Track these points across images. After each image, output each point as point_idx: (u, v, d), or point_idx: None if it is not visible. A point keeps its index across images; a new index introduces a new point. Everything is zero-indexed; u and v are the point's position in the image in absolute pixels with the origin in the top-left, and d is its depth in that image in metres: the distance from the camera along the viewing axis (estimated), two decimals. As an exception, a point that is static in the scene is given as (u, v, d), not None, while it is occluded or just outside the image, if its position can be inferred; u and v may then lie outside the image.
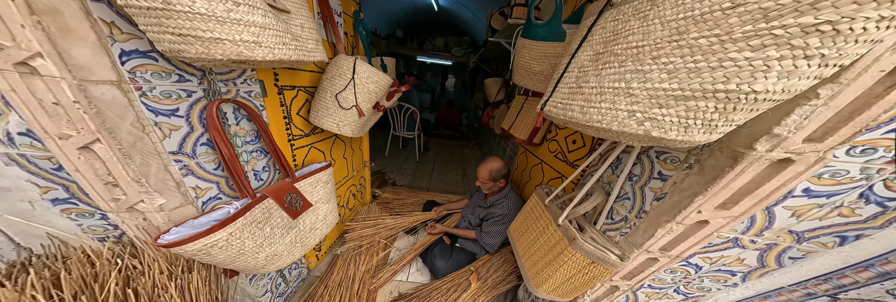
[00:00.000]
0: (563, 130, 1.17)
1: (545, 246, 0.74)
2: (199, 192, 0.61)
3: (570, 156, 1.10)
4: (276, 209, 0.74)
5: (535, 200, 0.90)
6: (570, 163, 1.07)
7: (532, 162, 1.49)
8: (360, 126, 1.04)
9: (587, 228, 0.72)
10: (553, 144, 1.24)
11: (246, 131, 0.73)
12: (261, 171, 0.82)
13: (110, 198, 0.49)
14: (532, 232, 0.84)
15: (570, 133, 1.11)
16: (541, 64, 0.82)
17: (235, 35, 0.42)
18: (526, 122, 1.33)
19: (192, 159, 0.58)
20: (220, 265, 0.61)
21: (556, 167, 1.20)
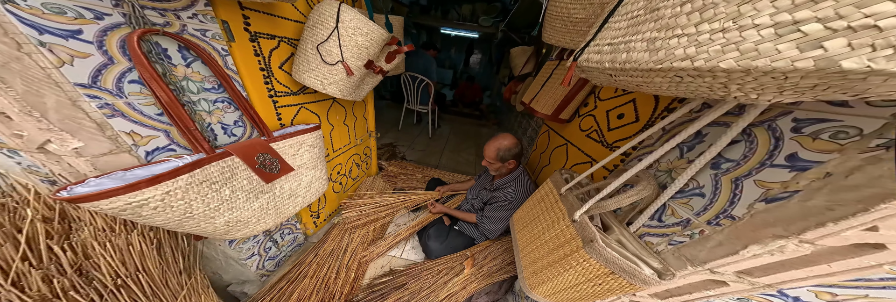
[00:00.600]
0: (606, 102, 0.94)
1: (551, 243, 0.59)
2: (137, 138, 0.50)
3: (609, 135, 0.89)
4: (242, 169, 0.63)
5: (549, 187, 0.74)
6: (609, 144, 0.88)
7: (556, 143, 1.27)
8: (351, 87, 0.88)
9: (615, 228, 0.55)
10: (588, 121, 1.02)
11: (203, 77, 0.60)
12: (232, 125, 0.70)
13: (10, 133, 0.39)
14: (538, 224, 0.69)
15: (618, 105, 0.87)
16: (585, 8, 0.69)
17: None
18: (553, 93, 1.10)
19: (118, 98, 0.46)
20: (164, 227, 0.51)
21: (586, 149, 1.00)
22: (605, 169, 0.83)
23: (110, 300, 0.49)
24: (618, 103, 0.88)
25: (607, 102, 0.94)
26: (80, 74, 0.41)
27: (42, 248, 0.43)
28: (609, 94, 0.93)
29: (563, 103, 1.05)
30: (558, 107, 1.06)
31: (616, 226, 0.56)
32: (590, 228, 0.49)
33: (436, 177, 1.72)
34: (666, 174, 0.53)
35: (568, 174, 0.78)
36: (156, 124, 0.53)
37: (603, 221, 0.59)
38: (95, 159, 0.45)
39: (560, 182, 0.72)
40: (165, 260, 0.62)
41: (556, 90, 1.07)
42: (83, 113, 0.42)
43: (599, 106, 0.97)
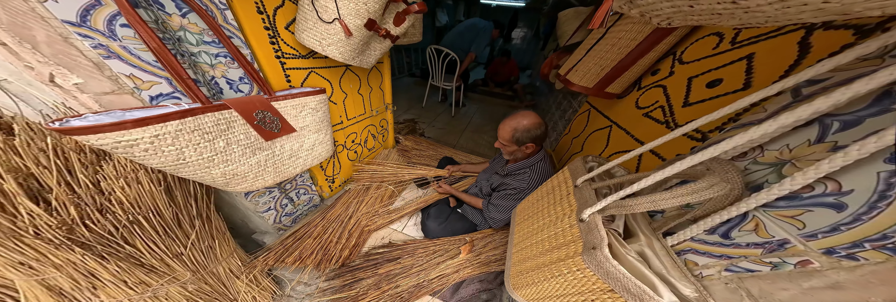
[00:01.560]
0: (692, 65, 0.68)
1: (547, 243, 0.50)
2: (138, 82, 0.52)
3: (683, 113, 0.66)
4: (240, 124, 0.65)
5: (564, 177, 0.62)
6: (679, 126, 0.66)
7: (596, 125, 1.04)
8: (353, 50, 0.82)
9: (642, 236, 0.43)
10: (652, 95, 0.78)
11: (202, 29, 0.59)
12: (238, 81, 0.71)
13: (22, 65, 0.42)
14: (540, 219, 0.60)
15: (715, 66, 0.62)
16: None
17: None
18: (601, 56, 0.83)
19: (112, 40, 0.47)
20: (164, 170, 0.55)
21: (638, 133, 0.79)
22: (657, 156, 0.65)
23: (126, 233, 0.56)
24: (715, 64, 0.62)
25: (694, 65, 0.67)
26: (66, 11, 0.41)
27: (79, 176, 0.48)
28: (704, 52, 0.65)
29: (615, 71, 0.79)
30: (606, 76, 0.81)
31: (644, 234, 0.43)
32: (598, 232, 0.39)
33: (448, 156, 1.68)
34: (771, 169, 0.34)
35: (595, 162, 0.64)
36: (156, 71, 0.54)
37: (628, 225, 0.47)
38: (99, 97, 0.48)
39: (580, 171, 0.59)
40: (177, 203, 0.68)
41: (607, 54, 0.80)
42: (77, 50, 0.43)
43: (678, 72, 0.71)
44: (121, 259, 0.53)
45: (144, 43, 0.49)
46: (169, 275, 0.62)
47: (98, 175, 0.50)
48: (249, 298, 0.84)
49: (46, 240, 0.42)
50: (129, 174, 0.53)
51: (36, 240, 0.42)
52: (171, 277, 0.63)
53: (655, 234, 0.44)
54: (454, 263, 1.01)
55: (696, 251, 0.39)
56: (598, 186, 0.52)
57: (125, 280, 0.54)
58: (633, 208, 0.38)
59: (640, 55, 0.74)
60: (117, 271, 0.52)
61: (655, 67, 0.80)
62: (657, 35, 0.70)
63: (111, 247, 0.51)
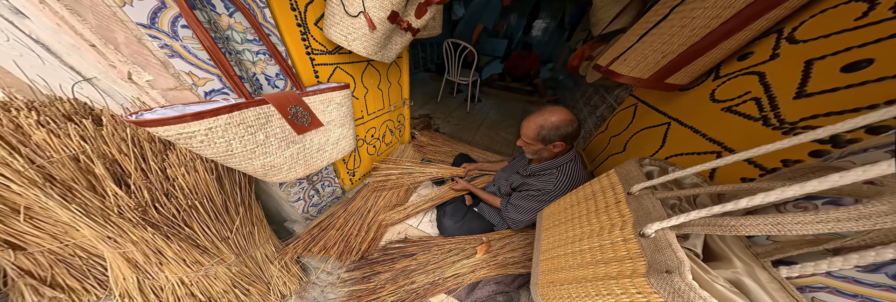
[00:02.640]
0: (820, 42, 0.54)
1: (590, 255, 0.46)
2: (196, 79, 0.58)
3: (793, 107, 0.53)
4: (277, 118, 0.69)
5: (612, 181, 0.55)
6: (786, 123, 0.53)
7: (647, 121, 0.92)
8: (376, 44, 0.85)
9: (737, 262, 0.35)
10: (740, 84, 0.65)
11: (245, 27, 0.64)
12: (274, 77, 0.76)
13: (106, 63, 0.48)
14: (578, 226, 0.55)
15: (861, 43, 0.47)
16: None
17: None
18: (662, 42, 0.69)
19: (176, 41, 0.52)
20: (215, 160, 0.61)
21: (713, 132, 0.66)
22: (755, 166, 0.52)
23: (185, 217, 0.62)
24: (858, 40, 0.47)
25: (818, 44, 0.53)
26: (139, 14, 0.46)
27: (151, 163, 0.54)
28: (837, 25, 0.51)
29: (684, 58, 0.66)
30: (669, 65, 0.68)
31: (740, 259, 0.36)
32: (673, 253, 0.31)
33: (464, 153, 1.70)
34: None
35: (655, 166, 0.56)
36: (209, 68, 0.59)
37: (710, 245, 0.40)
38: (165, 92, 0.54)
39: (634, 175, 0.52)
40: (225, 191, 0.74)
41: (671, 38, 0.66)
42: (148, 50, 0.48)
43: (786, 54, 0.57)
44: (181, 240, 0.59)
45: (200, 42, 0.53)
46: (218, 256, 0.69)
47: (165, 162, 0.56)
48: (281, 282, 0.91)
49: (127, 218, 0.49)
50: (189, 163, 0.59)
51: (119, 218, 0.48)
52: (220, 258, 0.69)
53: (760, 261, 0.36)
54: (470, 262, 1.02)
55: (837, 291, 0.30)
56: (665, 197, 0.45)
57: (184, 259, 0.60)
58: (739, 230, 0.28)
59: (726, 36, 0.60)
60: (178, 250, 0.59)
61: (746, 51, 0.66)
62: (756, 8, 0.55)
63: (174, 228, 0.57)
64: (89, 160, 0.48)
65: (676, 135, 0.80)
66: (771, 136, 0.55)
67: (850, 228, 0.24)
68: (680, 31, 0.67)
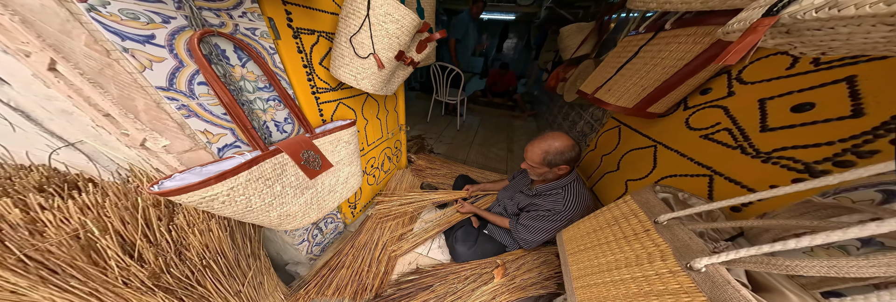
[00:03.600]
0: (763, 86, 0.62)
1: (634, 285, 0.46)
2: (210, 136, 0.55)
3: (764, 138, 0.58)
4: (290, 166, 0.67)
5: (631, 208, 0.57)
6: (761, 153, 0.58)
7: (634, 143, 1.00)
8: (382, 81, 0.87)
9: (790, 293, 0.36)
10: (708, 116, 0.73)
11: (256, 76, 0.63)
12: (283, 122, 0.74)
13: (118, 132, 0.44)
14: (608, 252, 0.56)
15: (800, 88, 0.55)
16: None
17: None
18: (639, 76, 0.81)
19: (192, 100, 0.50)
20: (232, 218, 0.57)
21: (698, 155, 0.72)
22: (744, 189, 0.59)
23: (199, 277, 0.57)
24: (796, 86, 0.55)
25: (764, 86, 0.61)
26: (159, 78, 0.44)
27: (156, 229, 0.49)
28: (774, 72, 0.60)
29: (660, 92, 0.76)
30: (648, 97, 0.78)
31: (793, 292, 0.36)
32: (735, 291, 0.32)
33: (464, 174, 1.71)
34: None
35: (668, 193, 0.59)
36: (223, 123, 0.57)
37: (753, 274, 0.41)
38: (180, 155, 0.51)
39: (653, 203, 0.54)
40: (237, 245, 0.69)
41: (648, 73, 0.78)
42: (166, 114, 0.46)
43: (741, 92, 0.65)
44: (195, 300, 0.53)
45: (217, 98, 0.52)
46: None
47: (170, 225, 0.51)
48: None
49: (134, 287, 0.43)
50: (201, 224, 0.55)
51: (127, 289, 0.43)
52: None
53: (809, 292, 0.36)
54: (489, 288, 1.00)
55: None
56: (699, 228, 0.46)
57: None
58: (797, 270, 0.29)
59: (690, 75, 0.71)
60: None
61: (706, 87, 0.77)
62: (711, 53, 0.66)
63: (187, 289, 0.52)
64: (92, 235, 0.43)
65: (665, 157, 0.85)
66: (751, 163, 0.60)
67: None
68: (653, 68, 0.78)
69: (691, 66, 0.70)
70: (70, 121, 0.45)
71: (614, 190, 1.07)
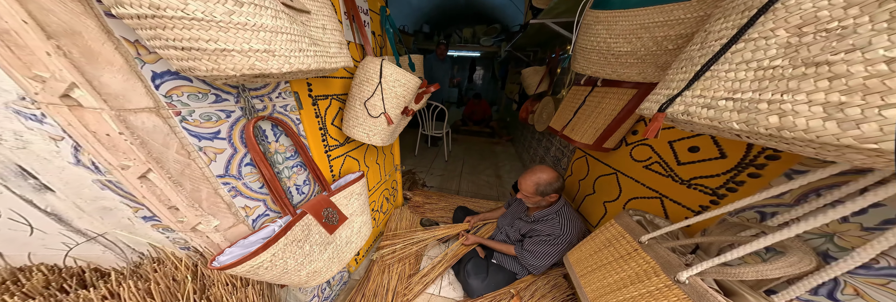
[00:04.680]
0: (668, 132, 0.80)
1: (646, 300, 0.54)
2: (248, 211, 0.60)
3: (682, 170, 0.75)
4: (314, 226, 0.72)
5: (618, 231, 0.69)
6: (685, 181, 0.74)
7: (599, 171, 1.17)
8: (390, 134, 0.98)
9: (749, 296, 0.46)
10: (643, 151, 0.91)
11: (285, 147, 0.71)
12: (302, 184, 0.80)
13: (175, 220, 0.49)
14: (613, 272, 0.65)
15: (686, 136, 0.74)
16: (632, 41, 0.62)
17: (244, 44, 0.36)
18: (592, 120, 1.01)
19: (238, 180, 0.56)
20: (269, 281, 0.59)
21: (649, 183, 0.88)
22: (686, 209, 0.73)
23: None
24: (685, 134, 0.74)
25: (670, 132, 0.79)
26: (219, 167, 0.51)
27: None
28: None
29: (607, 133, 0.96)
30: (601, 136, 0.97)
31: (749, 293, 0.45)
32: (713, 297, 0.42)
33: (461, 205, 1.77)
34: (824, 239, 0.42)
35: (639, 216, 0.72)
36: (258, 196, 0.63)
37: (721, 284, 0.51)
38: (226, 232, 0.55)
39: (632, 225, 0.66)
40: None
41: (596, 118, 0.98)
42: (220, 198, 0.52)
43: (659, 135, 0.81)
44: None
45: (260, 174, 0.58)
46: None
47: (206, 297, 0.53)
48: None
49: None
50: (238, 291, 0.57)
51: None
52: None
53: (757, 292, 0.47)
54: None
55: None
56: (671, 246, 0.58)
57: None
58: (740, 276, 0.42)
59: (622, 121, 0.92)
60: None
61: (634, 129, 0.98)
62: (631, 106, 0.86)
63: None
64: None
65: (625, 182, 1.00)
66: (681, 188, 0.76)
67: (789, 273, 0.40)
68: (599, 114, 0.98)
69: (621, 114, 0.90)
70: (105, 216, 0.49)
71: (596, 211, 1.19)
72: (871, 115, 0.21)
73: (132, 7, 0.30)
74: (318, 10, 0.61)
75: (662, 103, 0.40)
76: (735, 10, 0.34)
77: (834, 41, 0.23)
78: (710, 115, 0.33)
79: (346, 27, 0.89)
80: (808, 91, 0.24)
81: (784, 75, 0.26)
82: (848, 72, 0.22)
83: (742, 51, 0.31)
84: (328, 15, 0.64)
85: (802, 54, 0.25)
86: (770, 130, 0.26)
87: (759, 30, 0.30)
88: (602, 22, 0.67)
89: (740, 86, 0.31)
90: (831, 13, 0.24)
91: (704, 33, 0.39)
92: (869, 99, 0.21)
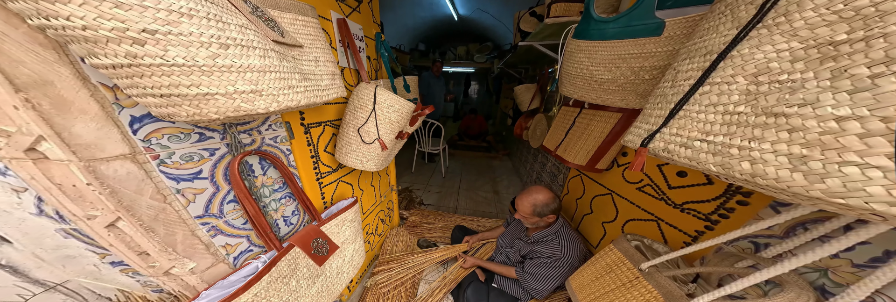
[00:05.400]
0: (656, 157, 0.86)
1: None
2: (229, 249, 0.58)
3: (673, 194, 0.74)
4: (302, 258, 0.69)
5: (617, 256, 0.68)
6: (678, 205, 0.73)
7: (595, 191, 1.16)
8: (384, 159, 0.98)
9: None
10: (634, 173, 0.92)
11: (274, 180, 0.70)
12: (290, 215, 0.78)
13: (145, 266, 0.47)
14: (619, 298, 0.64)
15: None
16: (611, 70, 0.64)
17: (228, 86, 0.35)
18: (582, 141, 1.01)
19: (219, 219, 0.55)
20: None
21: (644, 205, 0.86)
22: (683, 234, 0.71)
23: None
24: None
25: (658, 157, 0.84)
26: (198, 208, 0.50)
27: None
28: None
29: (598, 154, 0.97)
30: (593, 158, 0.99)
31: None
32: None
33: (459, 224, 1.73)
34: (819, 273, 0.42)
35: (637, 241, 0.71)
36: (241, 232, 0.61)
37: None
38: (202, 273, 0.53)
39: (631, 251, 0.66)
40: None
41: (587, 139, 1.00)
42: (198, 239, 0.50)
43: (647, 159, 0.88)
44: None
45: (245, 211, 0.57)
46: None
47: None
48: None
49: None
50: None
51: None
52: None
53: None
54: None
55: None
56: (672, 274, 0.57)
57: None
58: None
59: (611, 143, 0.94)
60: None
61: (624, 150, 0.98)
62: (618, 128, 0.87)
63: None
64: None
65: (621, 203, 0.99)
66: (674, 212, 0.74)
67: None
68: (589, 136, 0.99)
69: (609, 137, 0.92)
70: (67, 264, 0.47)
71: (596, 231, 1.17)
72: (833, 171, 0.20)
73: (107, 57, 0.29)
74: (312, 43, 0.63)
75: (644, 138, 0.41)
76: (697, 52, 0.35)
77: (787, 93, 0.23)
78: (689, 154, 0.33)
79: (340, 54, 0.91)
80: (772, 141, 0.24)
81: (749, 122, 0.26)
82: (804, 126, 0.22)
83: (708, 93, 0.32)
84: (321, 47, 0.66)
85: (762, 103, 0.25)
86: (744, 176, 0.26)
87: (721, 75, 0.31)
88: (583, 50, 0.70)
89: (712, 128, 0.31)
90: (780, 65, 0.24)
91: (674, 72, 0.40)
92: (827, 154, 0.21)
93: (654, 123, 0.40)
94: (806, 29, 0.23)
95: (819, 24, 0.22)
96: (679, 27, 0.51)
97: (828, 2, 0.21)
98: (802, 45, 0.23)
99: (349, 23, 0.92)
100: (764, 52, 0.26)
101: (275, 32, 0.48)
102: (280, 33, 0.51)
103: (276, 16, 0.54)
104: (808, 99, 0.22)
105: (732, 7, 0.32)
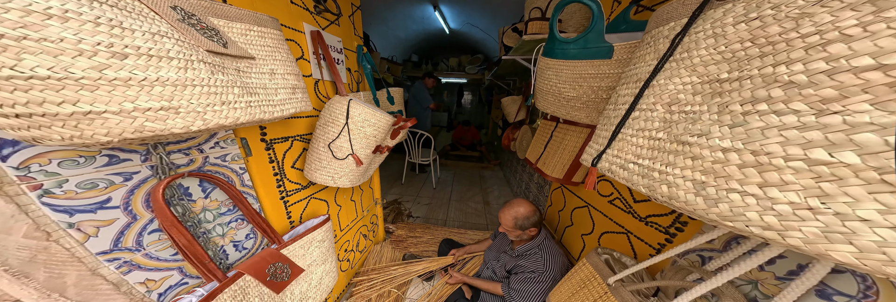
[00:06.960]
0: None
1: None
2: (151, 284, 0.53)
3: (639, 207, 0.77)
4: (254, 287, 0.65)
5: (589, 271, 0.68)
6: (642, 218, 0.75)
7: (574, 203, 1.18)
8: (360, 174, 0.94)
9: None
10: (606, 186, 0.94)
11: (220, 202, 0.66)
12: (244, 239, 0.74)
13: None
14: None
15: None
16: (575, 88, 0.66)
17: (125, 103, 0.29)
18: (559, 155, 1.05)
19: (135, 253, 0.50)
20: None
21: (615, 218, 0.88)
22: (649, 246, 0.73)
23: None
24: None
25: None
26: (102, 243, 0.44)
27: None
28: None
29: (573, 168, 1.01)
30: (569, 171, 1.02)
31: None
32: None
33: (447, 238, 1.67)
34: (751, 285, 0.45)
35: (607, 255, 0.72)
36: (169, 265, 0.55)
37: None
38: None
39: (601, 265, 0.66)
40: None
41: (563, 153, 1.04)
42: (101, 278, 0.44)
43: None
44: None
45: (173, 241, 0.52)
46: None
47: None
48: None
49: None
50: None
51: None
52: None
53: None
54: None
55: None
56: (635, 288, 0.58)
57: None
58: None
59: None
60: None
61: None
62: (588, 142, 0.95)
63: None
64: None
65: (596, 216, 1.00)
66: (640, 225, 0.76)
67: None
68: (565, 149, 1.04)
69: (580, 151, 0.95)
70: None
71: (576, 243, 1.15)
72: (722, 197, 0.22)
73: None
74: (269, 55, 0.58)
75: (594, 158, 0.42)
76: (631, 78, 0.37)
77: (689, 123, 0.25)
78: (625, 175, 0.34)
79: (313, 66, 0.89)
80: (681, 167, 0.26)
81: (665, 148, 0.28)
82: (701, 154, 0.23)
83: (638, 119, 0.34)
84: (281, 59, 0.61)
85: (674, 131, 0.26)
86: (664, 198, 0.28)
87: (646, 102, 0.32)
88: (551, 68, 0.71)
89: (641, 152, 0.32)
90: (685, 97, 0.26)
91: (616, 95, 0.41)
92: (718, 182, 0.22)
93: (602, 144, 0.42)
94: (701, 65, 0.25)
95: (710, 62, 0.24)
96: (625, 52, 0.53)
97: (715, 42, 0.24)
98: (700, 79, 0.25)
99: (325, 35, 0.91)
100: (674, 84, 0.28)
101: (213, 42, 0.45)
102: (222, 44, 0.48)
103: (220, 25, 0.50)
104: (703, 130, 0.23)
105: (655, 39, 0.34)
